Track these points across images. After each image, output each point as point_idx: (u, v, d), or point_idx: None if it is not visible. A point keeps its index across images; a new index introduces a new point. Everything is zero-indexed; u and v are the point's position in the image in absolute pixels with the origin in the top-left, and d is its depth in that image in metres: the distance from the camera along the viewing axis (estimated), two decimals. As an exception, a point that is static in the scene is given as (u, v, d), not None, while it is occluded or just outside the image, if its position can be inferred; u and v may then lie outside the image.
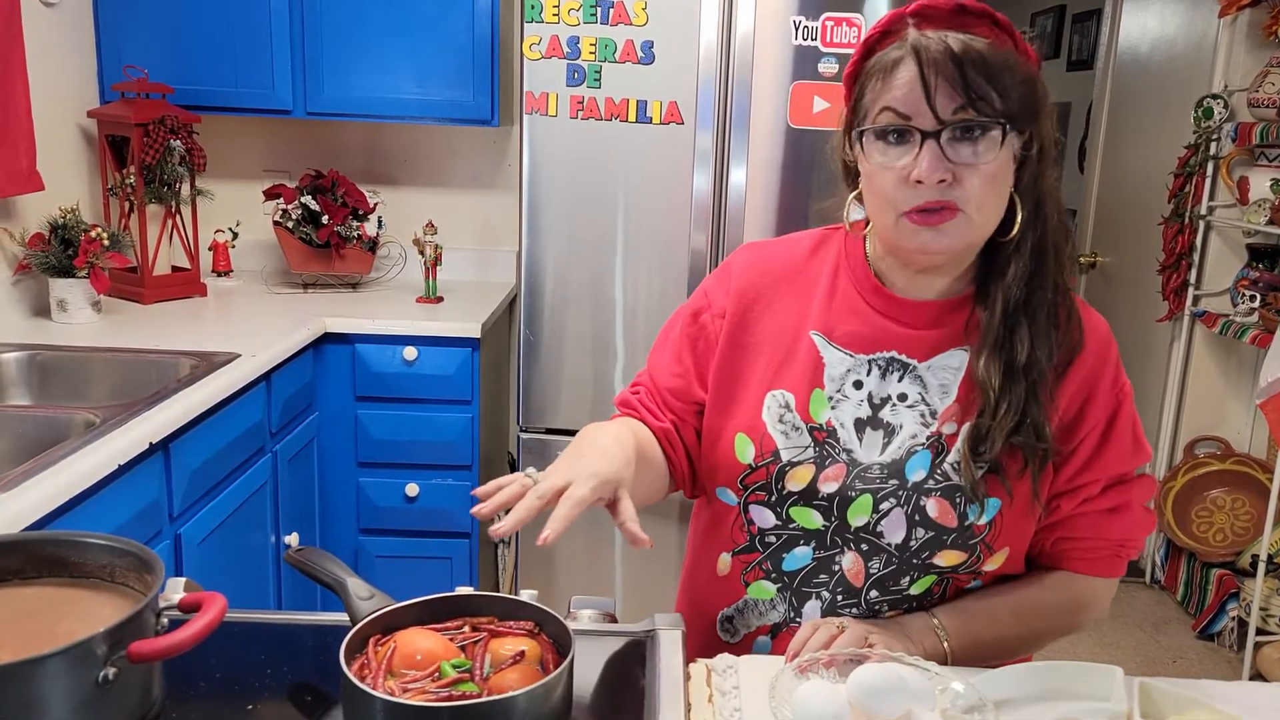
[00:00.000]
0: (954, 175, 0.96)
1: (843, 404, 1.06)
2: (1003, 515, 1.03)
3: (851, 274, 1.11)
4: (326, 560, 1.02)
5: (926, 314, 1.07)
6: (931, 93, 0.95)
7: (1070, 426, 1.05)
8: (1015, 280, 1.02)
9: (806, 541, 1.07)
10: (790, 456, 1.06)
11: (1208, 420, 3.56)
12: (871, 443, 1.05)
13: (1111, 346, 1.09)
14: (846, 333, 1.08)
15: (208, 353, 2.15)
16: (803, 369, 1.08)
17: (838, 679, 0.89)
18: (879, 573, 1.05)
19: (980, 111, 0.95)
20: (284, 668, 0.97)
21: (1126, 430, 1.07)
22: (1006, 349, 1.01)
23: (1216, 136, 3.35)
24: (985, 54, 0.96)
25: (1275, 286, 3.18)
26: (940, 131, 0.96)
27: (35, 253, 2.39)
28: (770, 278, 1.14)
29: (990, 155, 0.96)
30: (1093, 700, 0.91)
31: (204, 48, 2.75)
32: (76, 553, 0.93)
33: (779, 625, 1.11)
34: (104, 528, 1.59)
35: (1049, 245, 1.03)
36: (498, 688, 0.84)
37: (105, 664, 0.78)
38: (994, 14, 0.99)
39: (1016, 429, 1.00)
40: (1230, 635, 3.21)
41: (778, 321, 1.11)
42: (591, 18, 2.36)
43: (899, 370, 1.06)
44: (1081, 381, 1.05)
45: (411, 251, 2.99)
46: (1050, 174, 1.03)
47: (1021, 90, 0.97)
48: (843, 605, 1.07)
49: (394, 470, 2.66)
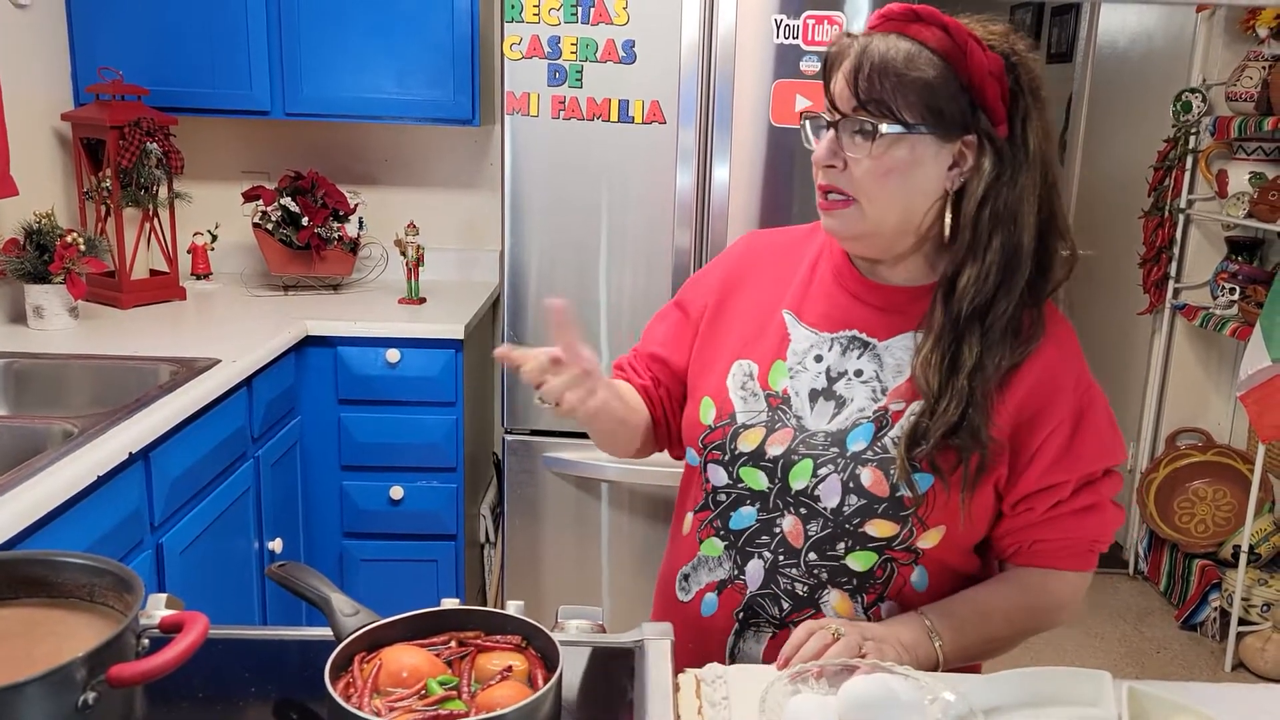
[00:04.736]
0: (845, 164, 1.04)
1: (801, 375, 1.13)
2: (935, 493, 1.06)
3: (830, 259, 1.17)
4: (309, 575, 1.01)
5: (891, 297, 1.12)
6: (831, 88, 1.05)
7: (1030, 426, 1.06)
8: (971, 285, 1.04)
9: (752, 502, 1.12)
10: (744, 420, 1.12)
11: (1189, 412, 3.59)
12: (821, 412, 1.10)
13: (1075, 350, 1.11)
14: (817, 313, 1.15)
15: (188, 358, 2.12)
16: (770, 342, 1.15)
17: (828, 691, 0.89)
18: (816, 535, 1.09)
19: (870, 111, 1.01)
20: (268, 686, 0.96)
21: (1095, 432, 1.09)
22: (952, 351, 1.04)
23: (1195, 130, 3.37)
24: (892, 60, 1.00)
25: (1255, 279, 3.21)
26: (838, 122, 1.04)
27: (10, 258, 2.36)
28: (761, 261, 1.22)
29: (882, 151, 1.02)
30: (1081, 706, 0.91)
31: (180, 48, 2.71)
32: (54, 572, 0.91)
33: (725, 582, 1.15)
34: (84, 540, 1.57)
35: (1023, 257, 1.04)
36: (485, 705, 0.83)
37: (85, 688, 0.76)
38: (945, 21, 1.01)
39: (954, 430, 1.03)
40: (1213, 625, 3.23)
41: (757, 299, 1.19)
42: (572, 17, 2.35)
43: (859, 348, 1.12)
44: (1039, 383, 1.07)
45: (393, 252, 2.97)
46: (1025, 182, 1.03)
47: (930, 98, 1.00)
48: (784, 565, 1.11)
49: (378, 473, 2.64)
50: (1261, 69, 3.10)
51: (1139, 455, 3.71)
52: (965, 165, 1.04)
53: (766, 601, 1.12)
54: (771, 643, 1.12)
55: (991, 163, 1.02)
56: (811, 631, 1.03)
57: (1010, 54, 1.03)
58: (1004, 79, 1.02)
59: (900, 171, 1.03)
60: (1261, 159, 3.20)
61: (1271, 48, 3.11)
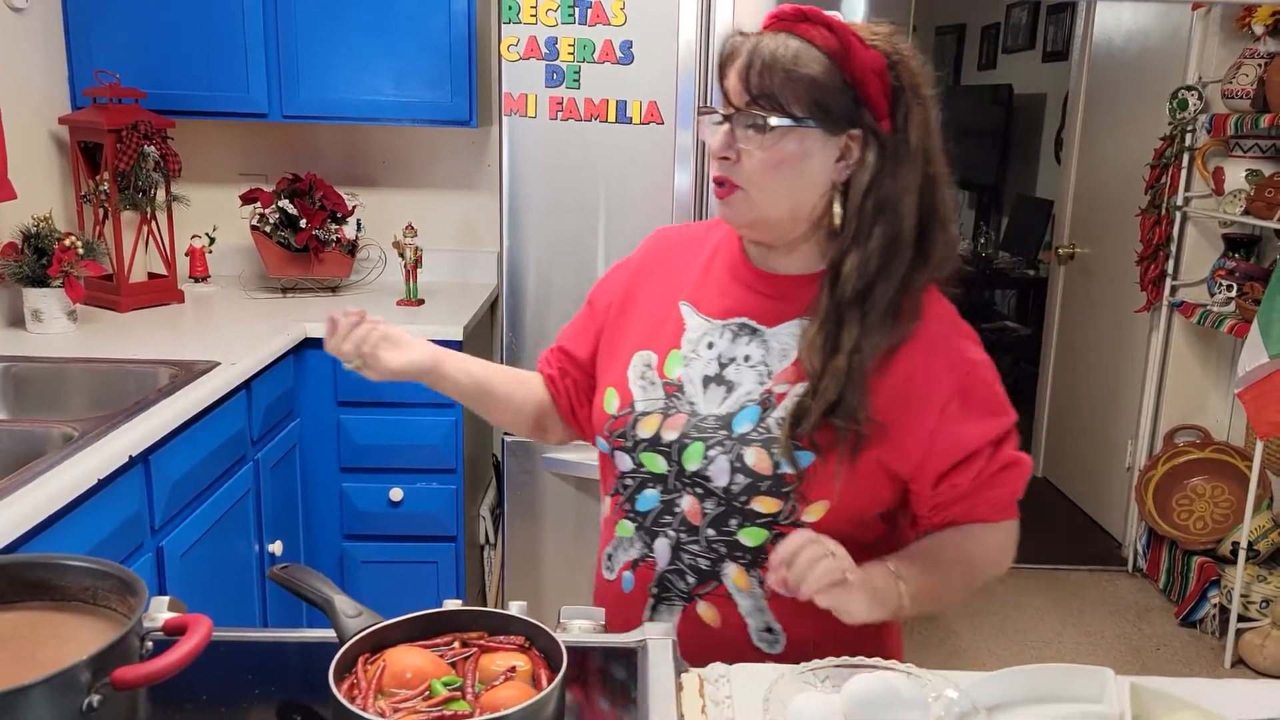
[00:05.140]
0: (738, 155, 1.09)
1: (694, 362, 1.18)
2: (815, 470, 1.09)
3: (727, 251, 1.23)
4: (312, 577, 1.01)
5: (779, 286, 1.17)
6: (725, 84, 1.10)
7: (913, 406, 1.11)
8: (854, 270, 1.09)
9: (655, 484, 1.18)
10: (643, 408, 1.18)
11: (1187, 409, 3.59)
12: (713, 397, 1.16)
13: (954, 330, 1.15)
14: (711, 302, 1.21)
15: (187, 361, 2.12)
16: (667, 333, 1.21)
17: (831, 690, 0.89)
18: (712, 514, 1.14)
19: (762, 106, 1.06)
20: (272, 688, 0.96)
21: (987, 398, 1.14)
22: (834, 333, 1.10)
23: (1192, 128, 3.38)
24: (781, 57, 1.05)
25: (1252, 276, 3.21)
26: (732, 116, 1.09)
27: (8, 262, 2.35)
28: (666, 256, 1.29)
29: (773, 143, 1.07)
30: (1084, 702, 0.91)
31: (177, 51, 2.71)
32: (57, 575, 0.91)
33: (638, 561, 1.21)
34: (84, 543, 1.57)
35: (903, 245, 1.09)
36: (490, 705, 0.83)
37: (90, 691, 0.77)
38: (829, 21, 1.07)
39: (833, 408, 1.08)
40: (1212, 622, 3.24)
41: (659, 292, 1.25)
42: (570, 18, 2.35)
43: (748, 334, 1.17)
44: (917, 365, 1.11)
45: (391, 254, 2.97)
46: (907, 175, 1.09)
47: (817, 94, 1.06)
48: (686, 543, 1.16)
49: (377, 475, 2.64)
50: (1257, 66, 3.11)
51: (1137, 453, 3.71)
52: (851, 158, 1.09)
53: (674, 577, 1.18)
54: (683, 615, 1.17)
55: (875, 156, 1.08)
56: (807, 543, 1.03)
57: (892, 53, 1.08)
58: (886, 76, 1.08)
59: (790, 163, 1.08)
60: (1258, 156, 3.20)
61: (1267, 45, 3.11)
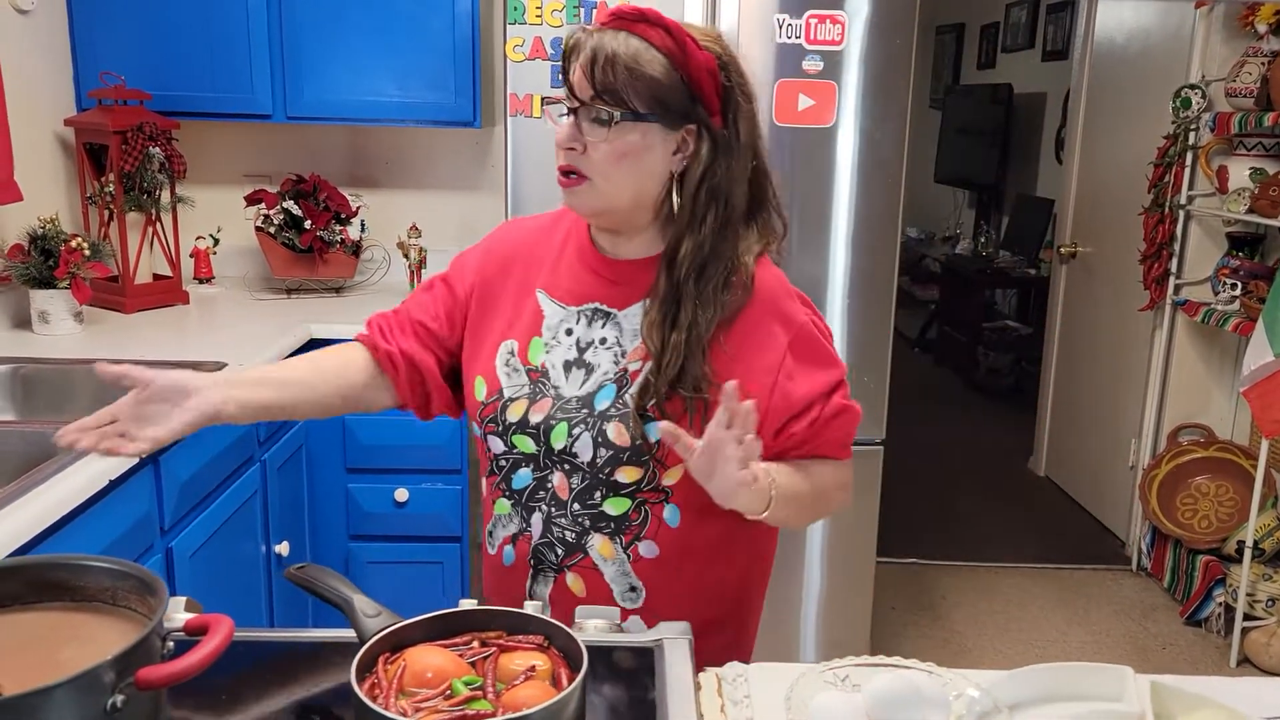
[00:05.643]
0: (584, 147, 1.15)
1: (555, 349, 1.24)
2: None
3: (575, 239, 1.29)
4: (329, 577, 1.01)
5: (625, 270, 1.24)
6: (570, 78, 1.15)
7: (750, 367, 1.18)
8: (689, 253, 1.17)
9: (527, 464, 1.24)
10: (510, 394, 1.24)
11: (1191, 408, 3.59)
12: (575, 380, 1.23)
13: (781, 293, 1.22)
14: (564, 290, 1.26)
15: (193, 362, 2.12)
16: (528, 322, 1.27)
17: (852, 689, 0.89)
18: (579, 488, 1.22)
19: (606, 101, 1.12)
20: (290, 687, 0.96)
21: (816, 354, 1.23)
22: (673, 311, 1.17)
23: (1195, 126, 3.38)
24: (624, 55, 1.11)
25: (1256, 274, 3.21)
26: (577, 109, 1.14)
27: (15, 264, 2.35)
28: (519, 248, 1.34)
29: (618, 137, 1.13)
30: (1104, 701, 0.91)
31: (181, 53, 2.71)
32: (77, 576, 0.91)
33: (516, 535, 1.27)
34: (96, 545, 1.57)
35: (733, 229, 1.19)
36: (511, 705, 0.83)
37: (113, 691, 0.77)
38: (667, 23, 1.13)
39: (678, 380, 1.15)
40: (1217, 621, 3.24)
41: (517, 283, 1.30)
42: (574, 19, 2.35)
43: (602, 319, 1.24)
44: (749, 331, 1.20)
45: (395, 255, 2.97)
46: (736, 167, 1.18)
47: (657, 91, 1.12)
48: (555, 516, 1.23)
49: (383, 476, 2.64)
50: (1261, 65, 3.11)
51: (1141, 452, 3.72)
52: (687, 150, 1.17)
53: (545, 549, 1.25)
54: (555, 585, 1.24)
55: (708, 149, 1.16)
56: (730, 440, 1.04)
57: (723, 54, 1.17)
58: (718, 76, 1.15)
59: (633, 155, 1.15)
60: (1262, 154, 3.20)
61: (1270, 43, 3.11)
